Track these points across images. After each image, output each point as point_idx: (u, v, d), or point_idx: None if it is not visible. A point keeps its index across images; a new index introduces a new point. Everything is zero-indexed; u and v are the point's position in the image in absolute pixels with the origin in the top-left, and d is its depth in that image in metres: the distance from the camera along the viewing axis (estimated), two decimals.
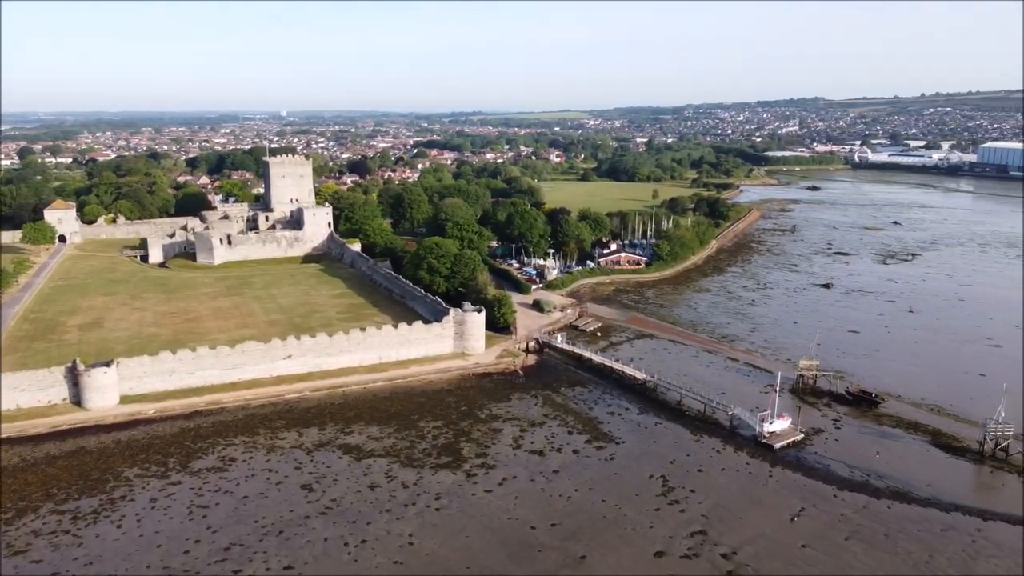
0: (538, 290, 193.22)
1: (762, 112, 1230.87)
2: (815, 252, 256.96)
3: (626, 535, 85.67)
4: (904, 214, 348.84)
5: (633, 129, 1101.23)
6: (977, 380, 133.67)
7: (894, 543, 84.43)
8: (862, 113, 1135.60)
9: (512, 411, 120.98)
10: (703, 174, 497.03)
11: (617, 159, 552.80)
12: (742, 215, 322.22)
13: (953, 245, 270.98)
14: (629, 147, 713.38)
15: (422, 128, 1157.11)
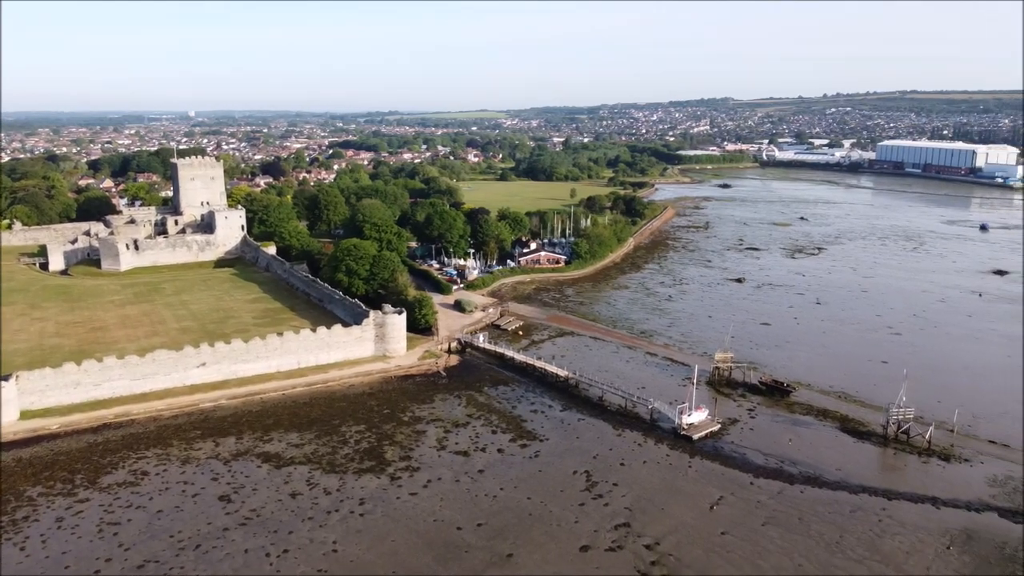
0: (459, 290, 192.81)
1: (674, 112, 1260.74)
2: (728, 248, 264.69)
3: (552, 531, 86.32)
4: (810, 210, 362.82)
5: (550, 129, 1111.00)
6: (880, 367, 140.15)
7: (807, 526, 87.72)
8: (769, 113, 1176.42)
9: (435, 412, 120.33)
10: (619, 173, 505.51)
11: (535, 159, 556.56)
12: (658, 213, 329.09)
13: (856, 239, 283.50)
14: (546, 147, 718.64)
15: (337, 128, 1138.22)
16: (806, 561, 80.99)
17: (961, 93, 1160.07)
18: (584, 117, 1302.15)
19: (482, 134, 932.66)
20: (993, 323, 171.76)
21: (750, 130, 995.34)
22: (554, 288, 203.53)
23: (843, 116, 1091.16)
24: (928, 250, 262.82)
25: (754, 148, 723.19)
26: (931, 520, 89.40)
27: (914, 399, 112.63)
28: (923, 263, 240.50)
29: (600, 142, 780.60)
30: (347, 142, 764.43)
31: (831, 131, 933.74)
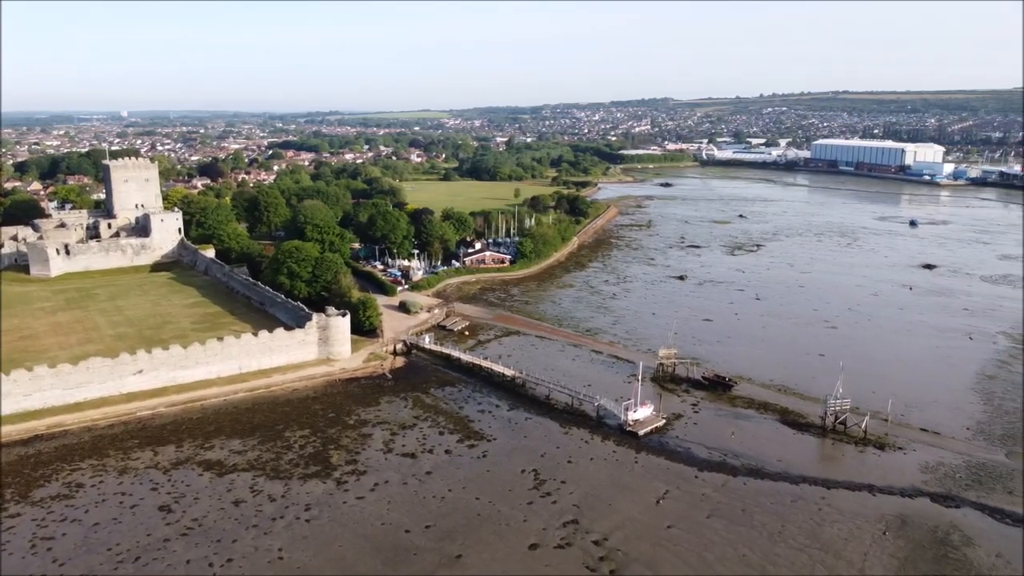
0: (404, 291, 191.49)
1: (616, 112, 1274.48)
2: (670, 246, 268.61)
3: (500, 530, 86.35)
4: (749, 207, 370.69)
5: (493, 128, 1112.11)
6: (817, 360, 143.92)
7: (750, 517, 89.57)
8: (708, 113, 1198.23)
9: (382, 415, 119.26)
10: (563, 172, 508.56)
11: (478, 158, 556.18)
12: (601, 212, 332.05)
13: (793, 236, 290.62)
14: (490, 146, 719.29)
15: (277, 128, 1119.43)
16: (749, 551, 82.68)
17: (890, 94, 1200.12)
18: (527, 117, 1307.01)
19: (425, 134, 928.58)
20: (923, 315, 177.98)
21: (690, 129, 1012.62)
22: (499, 288, 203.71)
23: (779, 116, 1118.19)
24: (861, 246, 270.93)
25: (694, 147, 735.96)
26: (868, 507, 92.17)
27: (850, 390, 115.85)
28: (857, 258, 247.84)
29: (543, 142, 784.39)
30: (287, 142, 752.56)
31: (768, 130, 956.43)
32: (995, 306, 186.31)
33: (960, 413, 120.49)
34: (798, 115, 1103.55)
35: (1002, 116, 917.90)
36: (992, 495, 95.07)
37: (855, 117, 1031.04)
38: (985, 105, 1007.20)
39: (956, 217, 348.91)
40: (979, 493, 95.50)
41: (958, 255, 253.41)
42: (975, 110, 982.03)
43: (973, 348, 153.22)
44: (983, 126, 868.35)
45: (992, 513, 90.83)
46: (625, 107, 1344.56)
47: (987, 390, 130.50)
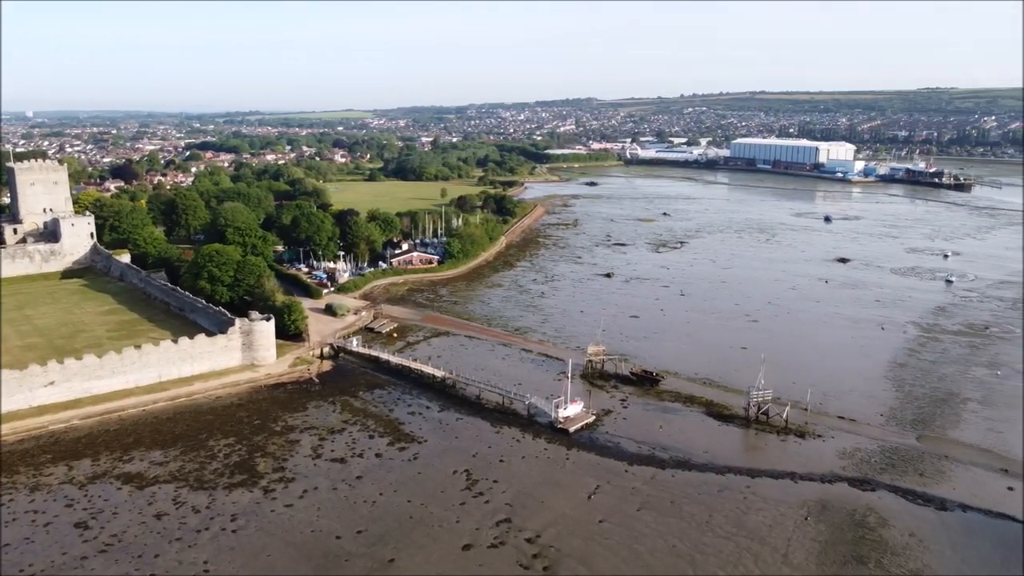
0: (330, 294, 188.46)
1: (541, 111, 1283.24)
2: (596, 244, 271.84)
3: (433, 532, 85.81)
4: (672, 205, 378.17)
5: (418, 128, 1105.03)
6: (740, 353, 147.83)
7: (679, 508, 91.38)
8: (631, 112, 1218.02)
9: (309, 420, 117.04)
10: (489, 172, 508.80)
11: (404, 158, 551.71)
12: (528, 211, 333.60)
13: (715, 232, 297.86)
14: (415, 146, 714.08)
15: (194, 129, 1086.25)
16: (679, 542, 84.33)
17: (804, 94, 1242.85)
18: (452, 117, 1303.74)
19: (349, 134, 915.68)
20: (838, 307, 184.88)
21: (614, 129, 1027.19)
22: (428, 288, 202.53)
23: (699, 115, 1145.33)
24: (779, 241, 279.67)
25: (618, 147, 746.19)
26: (790, 494, 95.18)
27: (771, 381, 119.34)
28: (775, 254, 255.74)
29: (469, 142, 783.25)
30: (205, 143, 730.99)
31: (689, 130, 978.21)
32: (905, 297, 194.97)
33: (874, 400, 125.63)
34: (717, 115, 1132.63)
35: (907, 116, 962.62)
36: (905, 477, 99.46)
37: (771, 117, 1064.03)
38: (892, 105, 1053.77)
39: (867, 213, 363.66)
40: (893, 476, 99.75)
41: (870, 249, 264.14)
42: (883, 110, 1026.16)
43: (885, 338, 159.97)
44: (890, 125, 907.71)
45: (905, 495, 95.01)
46: (550, 107, 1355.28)
47: (898, 377, 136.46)
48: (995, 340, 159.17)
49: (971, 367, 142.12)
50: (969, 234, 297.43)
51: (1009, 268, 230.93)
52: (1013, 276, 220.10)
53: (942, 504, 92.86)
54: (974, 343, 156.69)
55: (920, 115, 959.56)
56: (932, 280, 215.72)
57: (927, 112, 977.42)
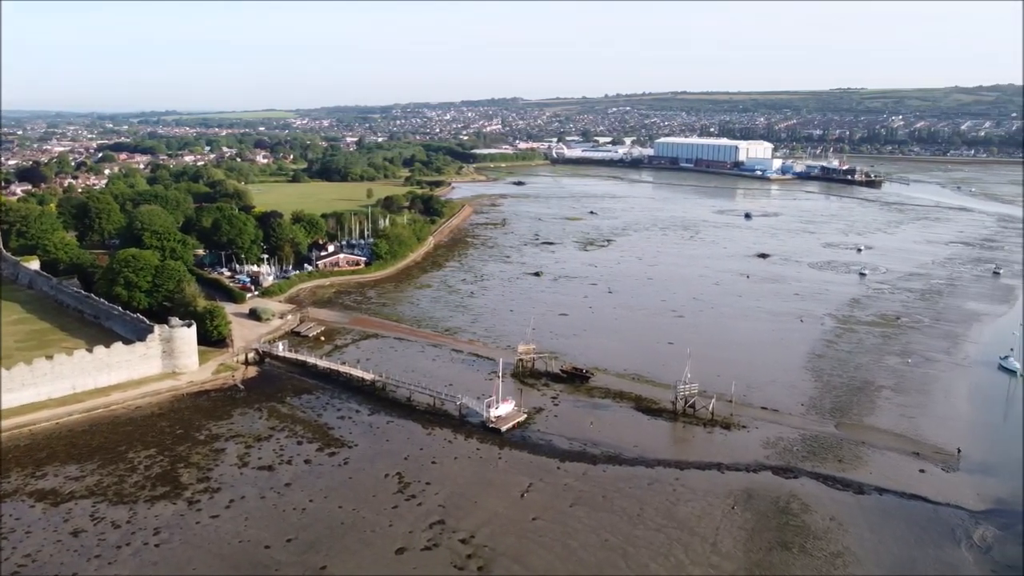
0: (254, 298, 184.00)
1: (467, 111, 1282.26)
2: (525, 243, 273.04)
3: (366, 537, 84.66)
4: (599, 204, 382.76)
5: (343, 128, 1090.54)
6: (667, 348, 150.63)
7: (611, 502, 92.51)
8: (556, 112, 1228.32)
9: (235, 428, 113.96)
10: (415, 172, 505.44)
11: (328, 159, 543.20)
12: (456, 211, 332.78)
13: (640, 230, 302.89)
14: (340, 147, 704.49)
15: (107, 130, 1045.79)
16: (611, 535, 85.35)
17: (723, 94, 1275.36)
18: (377, 116, 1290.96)
19: (271, 134, 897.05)
20: (759, 301, 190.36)
21: (540, 129, 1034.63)
22: (355, 290, 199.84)
23: (623, 115, 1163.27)
24: (703, 238, 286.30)
25: (544, 146, 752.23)
26: (717, 484, 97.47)
27: (697, 375, 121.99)
28: (699, 250, 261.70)
29: (395, 141, 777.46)
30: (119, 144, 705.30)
31: (613, 129, 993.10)
32: (822, 290, 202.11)
33: (795, 390, 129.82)
34: (641, 114, 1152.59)
35: (821, 115, 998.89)
36: (825, 464, 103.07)
37: (693, 116, 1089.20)
38: (807, 105, 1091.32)
39: (785, 209, 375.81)
40: (814, 463, 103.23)
41: (788, 244, 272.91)
42: (798, 109, 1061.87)
43: (804, 330, 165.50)
44: (805, 124, 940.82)
45: (825, 480, 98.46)
46: (476, 107, 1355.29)
47: (817, 368, 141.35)
48: (906, 330, 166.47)
49: (884, 356, 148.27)
50: (880, 229, 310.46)
51: (917, 261, 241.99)
52: (921, 268, 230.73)
53: (860, 488, 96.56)
54: (887, 333, 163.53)
55: (833, 114, 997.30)
56: (847, 273, 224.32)
57: (839, 112, 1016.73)
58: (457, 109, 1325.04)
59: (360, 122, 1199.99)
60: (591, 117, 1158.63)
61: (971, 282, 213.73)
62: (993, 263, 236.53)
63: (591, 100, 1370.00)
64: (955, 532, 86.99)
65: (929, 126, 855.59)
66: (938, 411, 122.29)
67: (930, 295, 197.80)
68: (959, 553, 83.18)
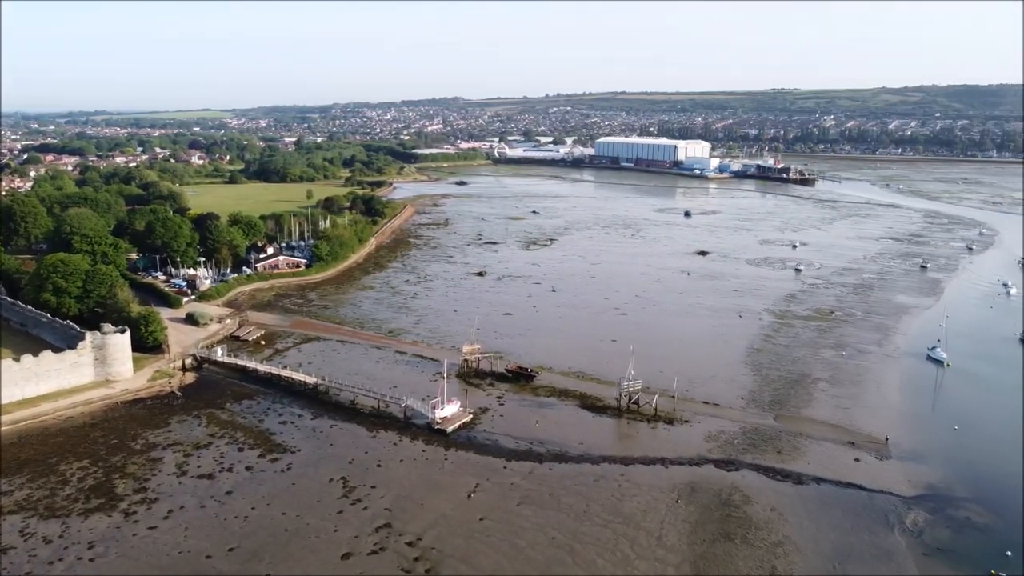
0: (191, 302, 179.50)
1: (408, 111, 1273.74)
2: (468, 243, 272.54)
3: (311, 544, 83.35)
4: (541, 204, 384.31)
5: (281, 128, 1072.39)
6: (610, 346, 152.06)
7: (557, 500, 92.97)
8: (498, 112, 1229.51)
9: (172, 436, 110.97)
10: (356, 173, 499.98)
11: (266, 160, 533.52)
12: (398, 212, 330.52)
13: (583, 229, 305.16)
14: (278, 147, 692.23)
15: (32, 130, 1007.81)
16: (558, 533, 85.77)
17: (662, 94, 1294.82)
18: (316, 116, 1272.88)
19: (206, 135, 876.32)
20: (700, 298, 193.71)
21: (481, 128, 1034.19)
22: (296, 293, 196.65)
23: (564, 115, 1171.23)
24: (644, 236, 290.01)
25: (486, 146, 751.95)
26: (662, 479, 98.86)
27: (641, 372, 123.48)
28: (640, 248, 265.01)
29: (335, 142, 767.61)
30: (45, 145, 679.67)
31: (555, 129, 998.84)
32: (759, 286, 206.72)
33: (735, 384, 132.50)
34: (582, 114, 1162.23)
35: (756, 115, 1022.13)
36: (765, 456, 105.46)
37: (633, 116, 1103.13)
38: (742, 105, 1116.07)
39: (723, 207, 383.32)
40: (754, 455, 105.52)
41: (727, 242, 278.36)
42: (734, 109, 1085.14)
43: (743, 325, 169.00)
44: (741, 124, 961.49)
45: (766, 472, 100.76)
46: (416, 106, 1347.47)
47: (756, 362, 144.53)
48: (840, 323, 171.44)
49: (820, 349, 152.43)
50: (814, 225, 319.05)
51: (850, 256, 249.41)
52: (853, 264, 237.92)
53: (799, 479, 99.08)
54: (822, 327, 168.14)
55: (768, 114, 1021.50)
56: (783, 269, 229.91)
57: (774, 111, 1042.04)
58: (398, 109, 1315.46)
59: (299, 122, 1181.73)
60: (532, 117, 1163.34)
61: (900, 276, 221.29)
62: (920, 258, 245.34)
63: (532, 100, 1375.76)
64: (889, 518, 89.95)
65: (859, 125, 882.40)
66: (871, 401, 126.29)
67: (862, 289, 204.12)
68: (893, 538, 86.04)
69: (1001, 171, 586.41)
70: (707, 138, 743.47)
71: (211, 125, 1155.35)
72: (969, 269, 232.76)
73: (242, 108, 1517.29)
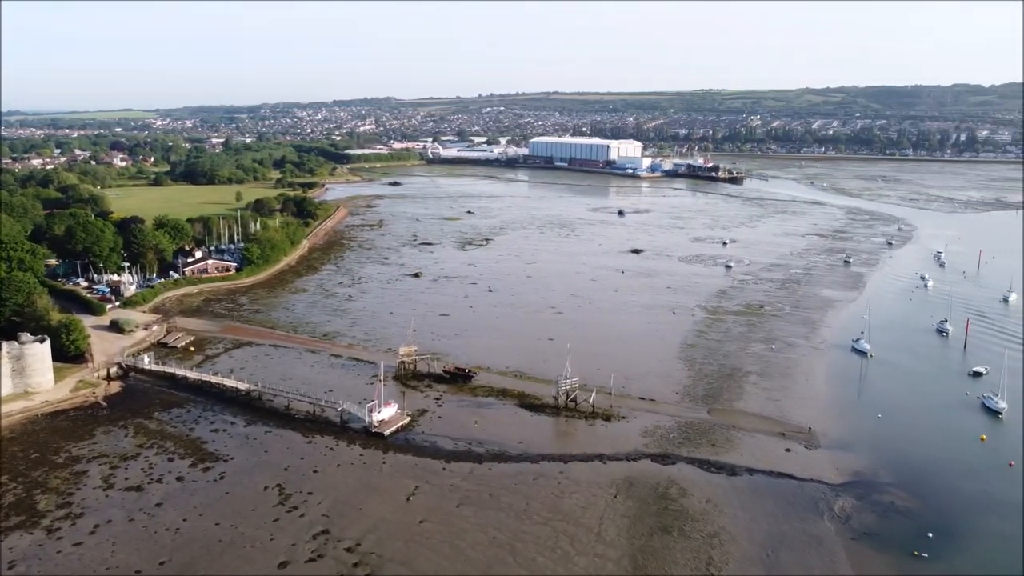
0: (115, 309, 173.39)
1: (339, 111, 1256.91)
2: (403, 244, 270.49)
3: (246, 554, 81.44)
4: (476, 204, 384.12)
5: (208, 129, 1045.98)
6: (548, 344, 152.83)
7: (497, 500, 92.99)
8: (431, 112, 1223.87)
9: (98, 448, 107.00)
10: (287, 174, 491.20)
11: (193, 161, 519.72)
12: (331, 213, 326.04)
13: (518, 229, 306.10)
14: (205, 148, 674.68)
15: None
16: (499, 533, 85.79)
17: (594, 95, 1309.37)
18: (245, 117, 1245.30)
19: (129, 136, 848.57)
20: (634, 295, 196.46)
21: (414, 128, 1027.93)
22: (226, 297, 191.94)
23: (498, 115, 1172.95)
24: (579, 235, 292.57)
25: (420, 146, 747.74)
26: (600, 475, 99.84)
27: (578, 369, 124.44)
28: (575, 247, 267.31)
29: (264, 142, 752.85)
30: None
31: (489, 129, 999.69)
32: (692, 283, 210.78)
33: (670, 380, 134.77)
34: (516, 114, 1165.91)
35: (686, 115, 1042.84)
36: (700, 448, 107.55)
37: (566, 116, 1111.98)
38: (673, 105, 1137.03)
39: (656, 206, 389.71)
40: (690, 449, 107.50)
41: (659, 240, 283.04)
42: (665, 110, 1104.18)
43: (676, 321, 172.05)
44: (672, 124, 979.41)
45: (701, 465, 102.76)
46: (348, 106, 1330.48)
47: (689, 357, 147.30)
48: (769, 317, 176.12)
49: (750, 343, 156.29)
50: (743, 223, 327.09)
51: (777, 252, 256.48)
52: (781, 260, 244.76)
53: (732, 470, 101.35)
54: (752, 321, 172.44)
55: (697, 114, 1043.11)
56: (714, 266, 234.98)
57: (703, 112, 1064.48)
58: (329, 109, 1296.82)
59: (227, 122, 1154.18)
60: (466, 117, 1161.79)
61: (825, 271, 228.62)
62: (844, 253, 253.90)
63: (466, 100, 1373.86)
64: (818, 505, 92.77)
65: (784, 125, 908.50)
66: (800, 393, 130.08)
67: (789, 284, 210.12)
68: (822, 524, 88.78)
69: (917, 169, 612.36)
70: (639, 138, 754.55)
71: (134, 126, 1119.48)
72: (889, 263, 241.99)
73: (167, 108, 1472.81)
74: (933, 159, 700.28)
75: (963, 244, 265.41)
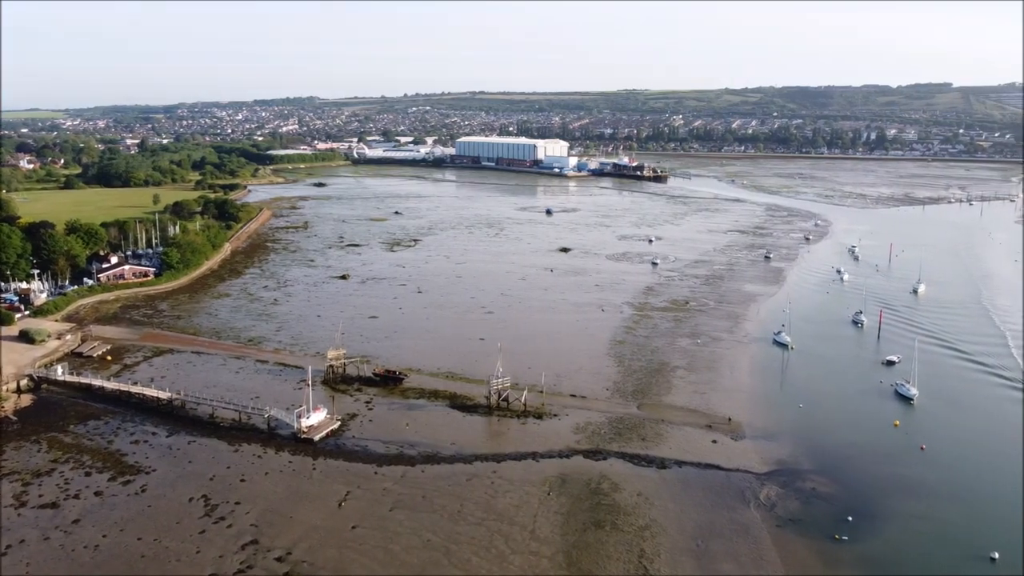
0: (24, 318, 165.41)
1: (261, 111, 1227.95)
2: (329, 246, 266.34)
3: (171, 568, 78.83)
4: (403, 204, 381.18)
5: (122, 130, 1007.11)
6: (479, 344, 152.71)
7: (431, 502, 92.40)
8: (355, 112, 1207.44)
9: (8, 464, 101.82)
10: (207, 176, 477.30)
11: (107, 163, 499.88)
12: (253, 215, 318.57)
13: (447, 229, 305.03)
14: (119, 149, 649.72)
15: None
16: (433, 535, 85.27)
17: (520, 94, 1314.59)
18: (161, 117, 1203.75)
19: (36, 136, 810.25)
20: (564, 294, 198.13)
21: (339, 128, 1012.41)
22: (145, 304, 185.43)
23: (424, 115, 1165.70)
24: (507, 235, 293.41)
25: (345, 146, 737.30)
26: (533, 473, 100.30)
27: (509, 368, 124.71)
28: (504, 247, 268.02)
29: (182, 143, 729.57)
30: None
31: (414, 128, 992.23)
32: (619, 280, 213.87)
33: (600, 376, 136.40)
34: (441, 114, 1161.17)
35: (611, 115, 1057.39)
36: (630, 443, 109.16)
37: (492, 116, 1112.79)
38: (597, 105, 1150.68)
39: (583, 205, 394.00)
40: (620, 444, 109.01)
41: (587, 238, 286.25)
42: (590, 109, 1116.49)
43: (605, 318, 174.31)
44: (597, 123, 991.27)
45: (631, 459, 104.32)
46: (270, 106, 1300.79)
47: (619, 353, 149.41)
48: (694, 313, 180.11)
49: (677, 338, 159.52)
50: (668, 220, 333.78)
51: (701, 249, 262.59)
52: (705, 256, 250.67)
53: (662, 463, 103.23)
54: (678, 317, 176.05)
55: (621, 114, 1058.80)
56: (641, 263, 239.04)
57: (627, 111, 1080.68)
58: (250, 108, 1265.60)
59: (142, 123, 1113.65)
60: (391, 117, 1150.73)
61: (747, 267, 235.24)
62: (764, 249, 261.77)
63: (391, 100, 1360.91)
64: (745, 494, 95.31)
65: (705, 124, 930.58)
66: (725, 385, 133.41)
67: (713, 280, 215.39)
68: (749, 513, 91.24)
69: (832, 166, 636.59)
70: (565, 137, 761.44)
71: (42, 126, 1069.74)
72: (807, 258, 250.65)
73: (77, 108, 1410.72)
74: (846, 157, 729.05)
75: (875, 238, 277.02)
